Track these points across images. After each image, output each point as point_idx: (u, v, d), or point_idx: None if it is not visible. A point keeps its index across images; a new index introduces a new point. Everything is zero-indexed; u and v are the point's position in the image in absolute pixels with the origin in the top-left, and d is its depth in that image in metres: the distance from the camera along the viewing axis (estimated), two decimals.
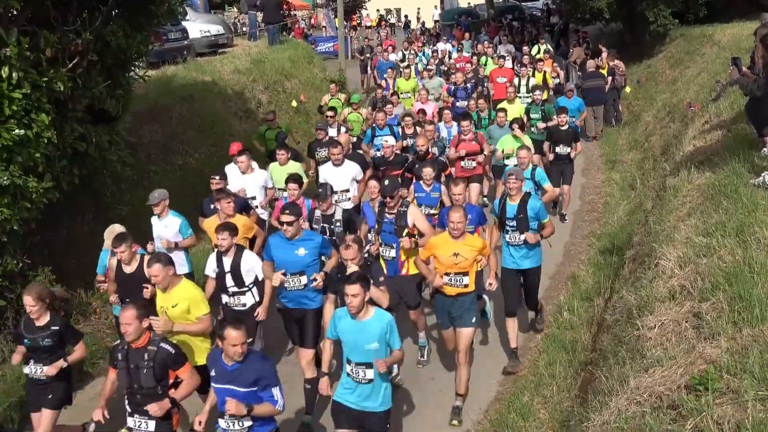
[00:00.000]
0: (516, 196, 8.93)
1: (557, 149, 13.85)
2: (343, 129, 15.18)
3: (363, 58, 27.94)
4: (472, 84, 19.86)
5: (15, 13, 8.91)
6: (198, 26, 22.13)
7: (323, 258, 8.31)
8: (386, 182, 9.26)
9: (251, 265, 8.36)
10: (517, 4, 40.20)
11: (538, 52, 23.99)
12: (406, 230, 8.87)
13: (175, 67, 18.74)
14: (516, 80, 19.22)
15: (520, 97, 17.58)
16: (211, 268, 8.46)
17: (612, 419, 5.10)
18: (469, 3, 45.04)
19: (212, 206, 10.13)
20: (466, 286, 7.95)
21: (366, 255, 8.45)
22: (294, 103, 20.33)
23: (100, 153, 10.74)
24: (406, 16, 50.57)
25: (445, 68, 24.04)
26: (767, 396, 4.40)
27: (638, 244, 10.01)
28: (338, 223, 9.36)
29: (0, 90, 8.46)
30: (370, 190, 10.18)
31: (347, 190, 11.42)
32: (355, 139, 14.94)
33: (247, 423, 5.91)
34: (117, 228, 8.79)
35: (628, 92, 21.34)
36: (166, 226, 9.53)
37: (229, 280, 8.31)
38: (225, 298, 8.46)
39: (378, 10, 55.68)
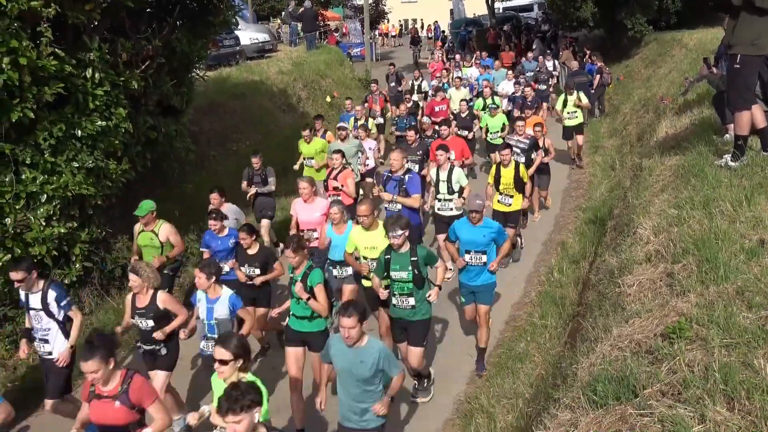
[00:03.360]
0: None
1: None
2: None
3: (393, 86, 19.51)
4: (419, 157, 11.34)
5: (96, 23, 8.90)
6: (248, 34, 22.08)
7: None
8: None
9: None
10: (514, 14, 39.69)
11: (565, 104, 15.03)
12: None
13: (229, 68, 18.75)
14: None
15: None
16: None
17: (597, 362, 5.03)
18: (474, 13, 44.36)
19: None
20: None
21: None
22: (328, 99, 20.25)
23: (168, 141, 10.78)
24: (443, 32, 40.41)
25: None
26: (731, 343, 4.32)
27: (618, 215, 9.87)
28: None
29: (85, 88, 8.50)
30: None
31: None
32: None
33: None
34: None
35: (609, 89, 21.06)
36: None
37: None
38: None
39: (399, 21, 55.03)
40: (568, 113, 15.03)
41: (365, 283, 7.63)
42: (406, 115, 14.91)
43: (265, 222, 10.73)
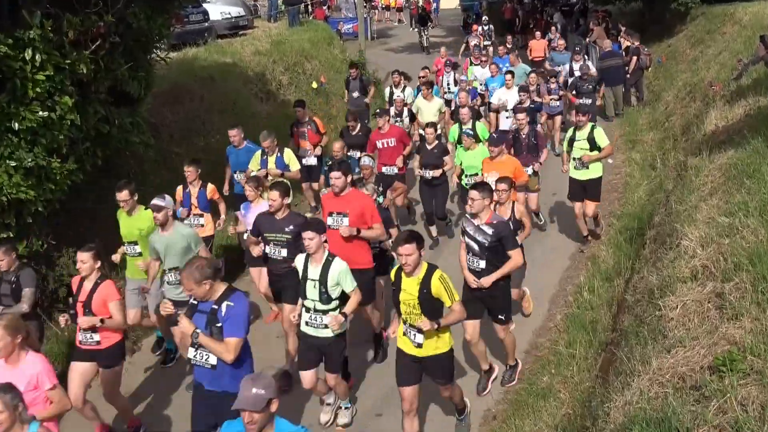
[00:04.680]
0: None
1: None
2: None
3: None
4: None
5: None
6: (218, 8, 22.12)
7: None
8: None
9: None
10: None
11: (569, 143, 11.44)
12: None
13: (197, 48, 18.74)
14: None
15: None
16: None
17: (634, 400, 5.04)
18: None
19: None
20: None
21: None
22: (314, 84, 20.28)
23: (123, 135, 10.75)
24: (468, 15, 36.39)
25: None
26: None
27: (659, 224, 9.90)
28: None
29: (24, 72, 8.47)
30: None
31: None
32: None
33: None
34: None
35: (648, 72, 21.12)
36: None
37: None
38: None
39: None
40: (575, 159, 11.22)
41: None
42: (342, 158, 10.22)
43: None
